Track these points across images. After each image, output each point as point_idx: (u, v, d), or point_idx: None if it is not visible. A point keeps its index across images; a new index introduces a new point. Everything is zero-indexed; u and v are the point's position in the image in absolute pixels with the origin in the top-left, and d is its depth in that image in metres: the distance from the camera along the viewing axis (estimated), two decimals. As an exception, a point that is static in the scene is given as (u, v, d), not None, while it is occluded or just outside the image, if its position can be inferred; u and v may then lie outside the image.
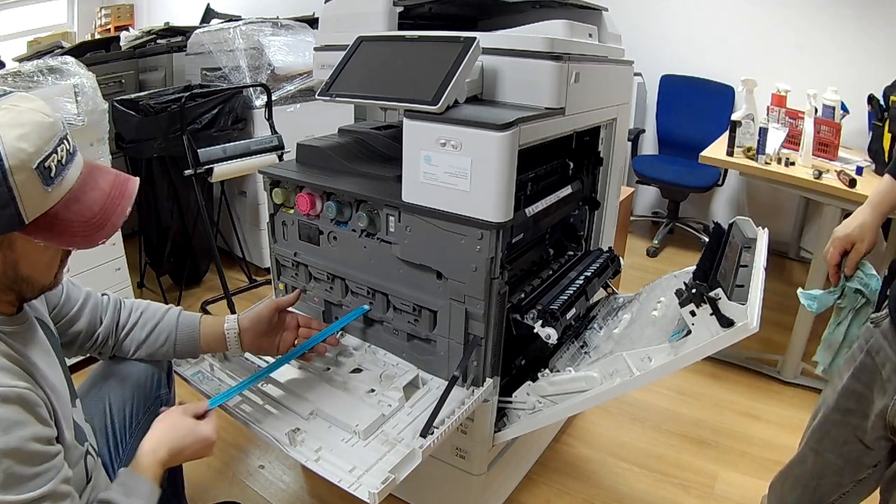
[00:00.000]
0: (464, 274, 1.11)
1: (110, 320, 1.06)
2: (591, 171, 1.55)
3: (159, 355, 1.11)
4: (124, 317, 1.08)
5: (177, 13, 4.77)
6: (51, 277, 0.81)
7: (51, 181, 0.67)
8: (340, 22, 1.35)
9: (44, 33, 4.76)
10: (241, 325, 1.14)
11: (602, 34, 1.43)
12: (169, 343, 1.09)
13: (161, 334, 1.09)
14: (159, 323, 1.09)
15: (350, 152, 1.38)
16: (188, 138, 2.12)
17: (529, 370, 1.31)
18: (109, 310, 1.06)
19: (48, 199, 0.68)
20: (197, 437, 0.93)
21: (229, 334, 1.13)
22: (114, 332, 1.06)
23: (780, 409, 1.99)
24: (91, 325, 1.03)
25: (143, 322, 1.09)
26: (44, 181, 0.67)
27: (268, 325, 1.16)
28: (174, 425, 0.93)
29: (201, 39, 2.76)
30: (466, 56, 1.05)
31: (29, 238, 0.70)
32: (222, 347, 1.14)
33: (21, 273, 0.75)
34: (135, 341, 1.08)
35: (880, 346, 0.98)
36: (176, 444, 0.91)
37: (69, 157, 0.71)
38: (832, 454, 1.08)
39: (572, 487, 1.61)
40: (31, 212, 0.67)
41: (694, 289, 0.99)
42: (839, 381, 1.06)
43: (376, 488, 0.90)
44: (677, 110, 3.45)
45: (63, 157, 0.69)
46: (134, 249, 2.55)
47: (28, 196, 0.66)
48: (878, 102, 2.18)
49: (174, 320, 1.11)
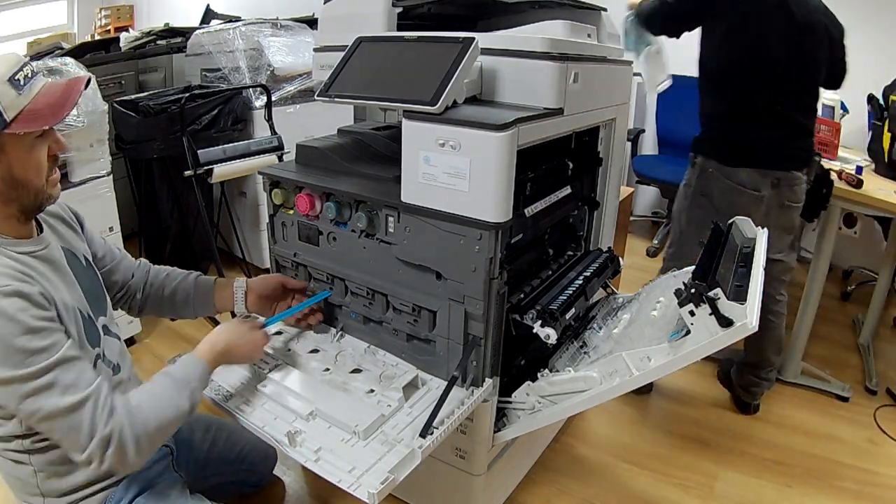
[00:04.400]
0: (463, 274, 1.11)
1: (139, 278, 1.24)
2: (591, 171, 1.55)
3: (181, 311, 1.29)
4: (152, 276, 1.25)
5: (176, 14, 4.77)
6: (42, 179, 0.93)
7: (20, 88, 0.87)
8: (340, 22, 1.35)
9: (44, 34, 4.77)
10: (249, 285, 1.29)
11: (601, 34, 1.43)
12: (187, 300, 1.27)
13: (180, 293, 1.26)
14: (180, 282, 1.26)
15: (349, 153, 1.38)
16: (188, 139, 2.13)
17: (529, 370, 1.31)
18: (140, 270, 1.25)
19: (21, 101, 0.87)
20: (251, 338, 1.13)
21: (237, 293, 1.28)
22: (142, 289, 1.24)
23: (780, 409, 1.99)
24: (124, 278, 1.22)
25: (168, 281, 1.26)
26: (15, 88, 0.86)
27: (271, 291, 1.32)
28: (231, 328, 1.12)
29: (201, 40, 2.76)
30: (465, 56, 1.05)
31: (14, 135, 0.86)
32: (231, 305, 1.29)
33: (16, 176, 0.89)
34: (159, 298, 1.25)
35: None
36: (233, 341, 1.09)
37: (34, 74, 0.91)
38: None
39: (572, 487, 1.61)
40: (9, 112, 0.85)
41: (693, 289, 0.99)
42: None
43: (376, 488, 0.90)
44: (677, 110, 3.44)
45: (28, 74, 0.89)
46: (134, 250, 2.54)
47: (5, 98, 0.85)
48: (878, 102, 2.18)
49: (192, 282, 1.28)
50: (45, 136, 0.93)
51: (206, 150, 2.16)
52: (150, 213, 2.58)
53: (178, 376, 0.98)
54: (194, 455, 1.28)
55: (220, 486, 1.35)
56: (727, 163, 1.67)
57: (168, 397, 0.94)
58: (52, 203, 0.99)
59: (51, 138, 0.94)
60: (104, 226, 2.08)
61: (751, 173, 1.65)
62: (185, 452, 1.26)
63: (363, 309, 1.31)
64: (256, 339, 1.14)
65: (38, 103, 0.89)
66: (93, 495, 1.02)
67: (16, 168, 0.89)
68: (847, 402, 2.03)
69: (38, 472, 0.97)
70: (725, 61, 1.65)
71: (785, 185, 1.66)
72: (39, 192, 0.93)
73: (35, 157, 0.91)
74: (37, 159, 0.92)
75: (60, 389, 0.83)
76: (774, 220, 1.68)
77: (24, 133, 0.88)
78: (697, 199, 1.75)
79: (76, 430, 0.84)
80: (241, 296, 1.28)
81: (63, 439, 0.86)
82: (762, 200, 1.66)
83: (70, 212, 1.13)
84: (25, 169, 0.90)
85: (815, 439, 1.85)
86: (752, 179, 1.65)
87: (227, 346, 1.07)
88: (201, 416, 1.43)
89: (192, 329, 2.36)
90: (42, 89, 0.91)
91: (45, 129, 0.91)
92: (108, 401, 0.87)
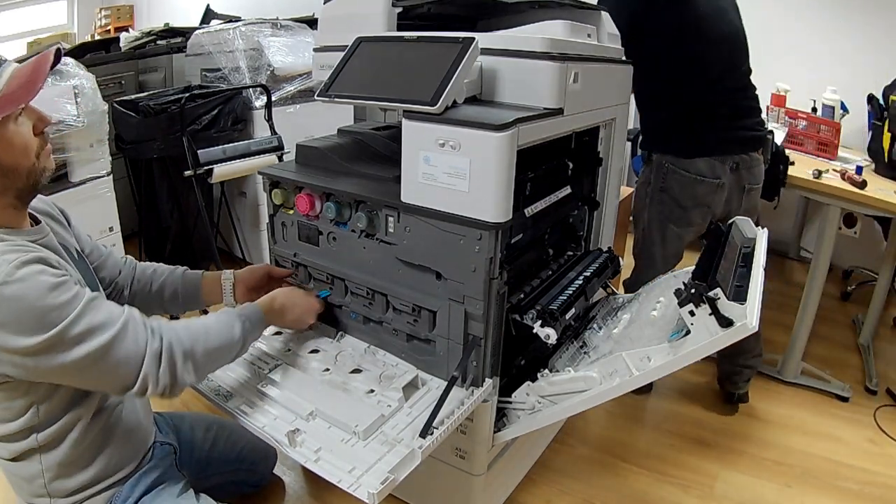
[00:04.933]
0: (463, 274, 1.11)
1: (126, 275, 1.25)
2: (591, 171, 1.55)
3: (170, 308, 1.30)
4: (139, 272, 1.27)
5: (176, 14, 4.77)
6: (31, 158, 0.92)
7: None
8: (339, 23, 1.35)
9: (44, 34, 4.77)
10: (237, 277, 1.30)
11: (601, 34, 1.43)
12: (175, 295, 1.27)
13: (168, 288, 1.27)
14: (167, 278, 1.27)
15: (349, 153, 1.38)
16: (188, 139, 2.13)
17: (529, 370, 1.31)
18: (127, 266, 1.26)
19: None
20: (306, 302, 1.20)
21: (225, 285, 1.29)
22: (129, 286, 1.25)
23: (780, 409, 1.99)
24: (111, 275, 1.22)
25: (154, 277, 1.27)
26: None
27: (258, 282, 1.32)
28: (287, 292, 1.19)
29: (201, 40, 2.76)
30: (465, 56, 1.05)
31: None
32: (220, 298, 1.30)
33: (4, 163, 0.88)
34: (147, 294, 1.26)
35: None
36: (289, 301, 1.15)
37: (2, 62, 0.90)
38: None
39: (572, 487, 1.61)
40: None
41: (693, 289, 0.99)
42: None
43: (376, 489, 0.90)
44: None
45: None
46: (134, 250, 2.55)
47: None
48: (878, 102, 2.19)
49: (179, 276, 1.28)
50: (26, 115, 0.91)
51: (206, 150, 2.16)
52: (150, 213, 2.58)
53: (233, 311, 1.03)
54: (196, 455, 1.28)
55: (221, 486, 1.35)
56: (683, 154, 1.67)
57: (219, 322, 0.99)
58: (47, 176, 0.97)
59: (34, 116, 0.93)
60: (104, 226, 2.08)
61: (708, 161, 1.64)
62: (188, 452, 1.26)
63: (363, 309, 1.31)
64: (311, 304, 1.22)
65: (10, 87, 0.88)
66: (99, 493, 1.03)
67: (2, 155, 0.88)
68: (847, 402, 2.03)
69: (47, 472, 0.98)
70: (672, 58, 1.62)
71: (744, 168, 1.66)
72: (31, 171, 0.93)
73: (20, 139, 0.90)
74: (22, 141, 0.91)
75: (98, 329, 0.85)
76: (736, 205, 1.69)
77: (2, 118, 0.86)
78: (657, 195, 1.75)
79: (125, 360, 0.87)
80: (230, 288, 1.29)
81: (114, 378, 0.88)
82: (723, 188, 1.67)
83: (57, 208, 1.13)
84: (12, 154, 0.89)
85: (815, 439, 1.85)
86: (710, 168, 1.65)
87: (283, 305, 1.14)
88: (202, 415, 1.43)
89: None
90: (12, 74, 0.89)
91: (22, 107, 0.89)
92: (146, 322, 0.90)
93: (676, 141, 1.69)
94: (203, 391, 1.16)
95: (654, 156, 1.75)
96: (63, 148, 1.92)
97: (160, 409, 1.31)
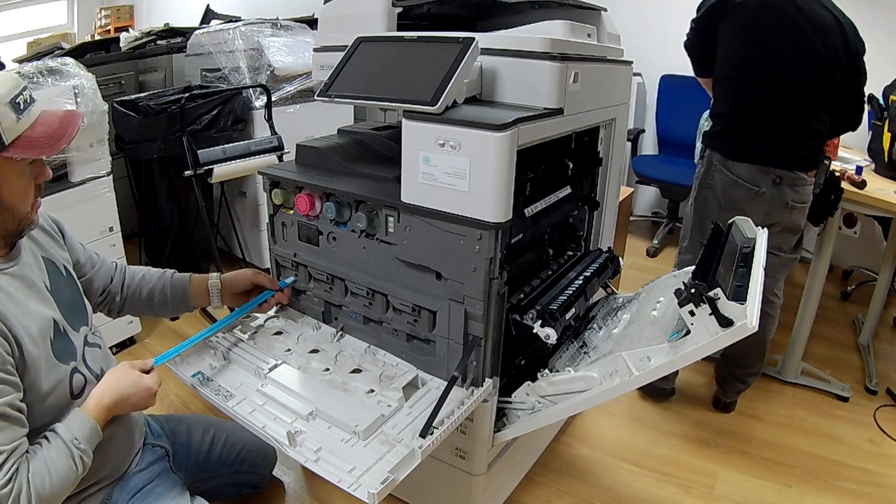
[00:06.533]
0: (463, 274, 1.11)
1: (117, 281, 1.26)
2: (591, 171, 1.55)
3: (159, 312, 1.33)
4: (129, 279, 1.28)
5: (176, 14, 4.77)
6: (27, 206, 0.95)
7: (20, 112, 0.89)
8: (339, 23, 1.35)
9: (44, 34, 4.77)
10: (223, 281, 1.33)
11: (601, 34, 1.43)
12: (165, 299, 1.29)
13: (157, 293, 1.29)
14: (155, 283, 1.29)
15: (349, 153, 1.38)
16: (188, 139, 2.13)
17: (529, 370, 1.31)
18: (118, 273, 1.27)
19: (20, 125, 0.89)
20: (140, 387, 1.04)
21: (212, 289, 1.32)
22: (120, 291, 1.26)
23: (780, 409, 1.99)
24: (104, 283, 1.24)
25: (143, 283, 1.29)
26: (16, 112, 0.88)
27: (242, 287, 1.35)
28: (120, 377, 1.04)
29: (201, 40, 2.76)
30: (465, 56, 1.05)
31: (9, 159, 0.88)
32: (207, 301, 1.33)
33: (4, 199, 0.91)
34: (137, 300, 1.28)
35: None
36: (121, 392, 1.02)
37: (32, 100, 0.93)
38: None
39: (572, 487, 1.61)
40: (8, 135, 0.87)
41: (693, 289, 0.98)
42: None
43: (376, 488, 0.90)
44: (677, 110, 3.44)
45: (27, 98, 0.91)
46: (134, 250, 2.55)
47: (6, 121, 0.87)
48: (878, 102, 2.18)
49: (167, 280, 1.30)
50: (34, 164, 0.95)
51: (206, 150, 2.16)
52: (150, 213, 2.58)
53: (67, 438, 0.93)
54: (193, 457, 1.28)
55: (221, 488, 1.35)
56: (729, 156, 1.70)
57: (58, 462, 0.90)
58: (31, 229, 1.00)
59: (39, 168, 0.96)
60: (104, 226, 2.08)
61: (750, 168, 1.66)
62: (184, 454, 1.26)
63: (363, 309, 1.31)
64: (146, 387, 1.05)
65: (35, 131, 0.91)
66: (92, 495, 1.03)
67: (4, 191, 0.91)
68: (847, 402, 2.03)
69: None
70: (736, 58, 1.66)
71: (787, 184, 1.66)
72: (23, 219, 0.95)
73: (24, 182, 0.93)
74: (25, 185, 0.94)
75: None
76: (779, 220, 1.69)
77: (20, 159, 0.89)
78: (703, 191, 1.78)
79: None
80: (217, 293, 1.32)
81: None
82: (762, 197, 1.67)
83: (50, 220, 1.13)
84: (14, 193, 0.92)
85: (815, 439, 1.85)
86: (750, 174, 1.66)
87: (114, 399, 1.00)
88: (200, 417, 1.43)
89: (191, 328, 2.36)
90: (39, 116, 0.93)
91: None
92: (16, 464, 0.85)
93: (727, 142, 1.71)
94: (203, 391, 1.16)
95: (707, 152, 1.79)
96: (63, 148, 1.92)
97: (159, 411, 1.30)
